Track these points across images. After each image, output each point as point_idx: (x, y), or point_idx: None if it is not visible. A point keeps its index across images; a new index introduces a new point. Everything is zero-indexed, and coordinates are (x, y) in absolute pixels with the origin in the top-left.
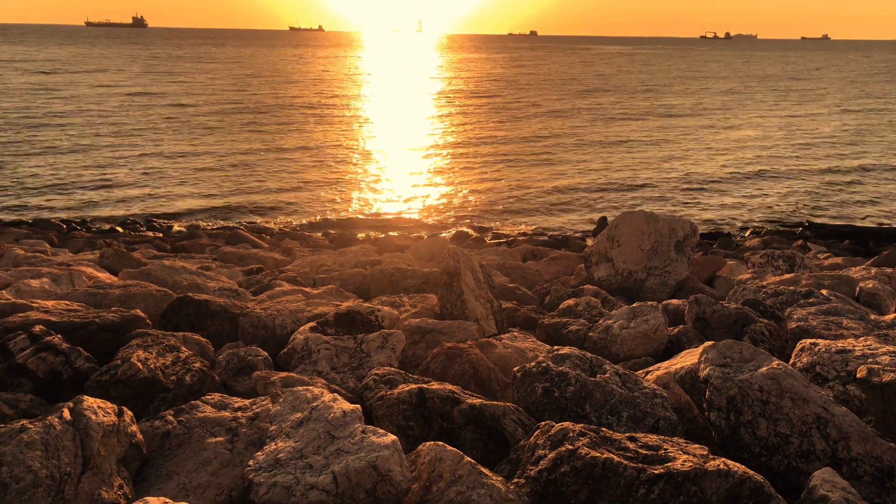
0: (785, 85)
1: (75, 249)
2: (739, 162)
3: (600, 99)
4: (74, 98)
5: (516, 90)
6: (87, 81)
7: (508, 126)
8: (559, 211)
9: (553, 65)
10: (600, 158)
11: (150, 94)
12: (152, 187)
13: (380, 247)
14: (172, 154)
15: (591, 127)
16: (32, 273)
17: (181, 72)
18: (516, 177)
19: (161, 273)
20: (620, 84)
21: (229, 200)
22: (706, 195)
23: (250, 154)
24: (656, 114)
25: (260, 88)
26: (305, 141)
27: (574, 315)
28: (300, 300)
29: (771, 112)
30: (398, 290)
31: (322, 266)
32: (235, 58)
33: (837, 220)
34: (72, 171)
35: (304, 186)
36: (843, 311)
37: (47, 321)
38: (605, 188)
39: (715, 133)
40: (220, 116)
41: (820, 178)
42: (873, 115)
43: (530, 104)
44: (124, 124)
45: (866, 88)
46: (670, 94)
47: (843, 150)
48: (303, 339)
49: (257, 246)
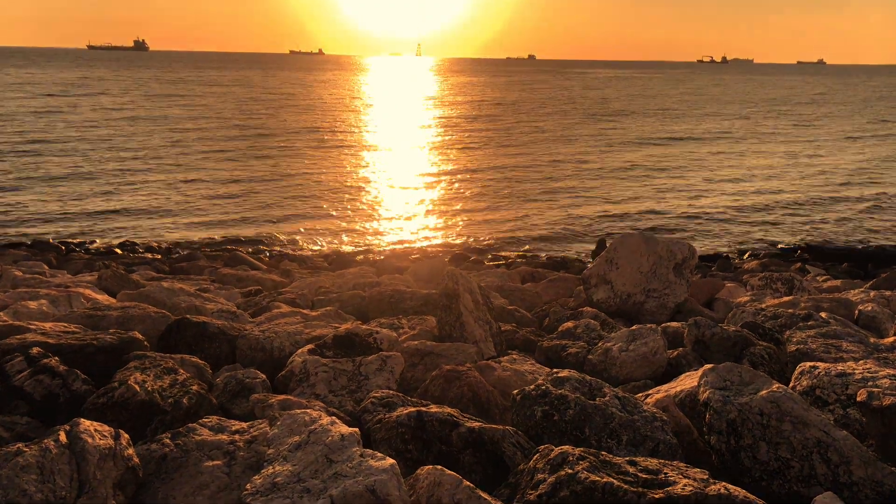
0: (787, 109)
1: (74, 271)
2: (737, 185)
3: (601, 123)
4: (77, 121)
5: (516, 114)
6: (90, 104)
7: (508, 150)
8: (558, 233)
9: (553, 89)
10: (599, 180)
11: (153, 118)
12: (152, 210)
13: (378, 268)
14: (172, 177)
15: (590, 151)
16: (30, 294)
17: (182, 95)
18: (515, 199)
19: (159, 295)
20: (621, 108)
21: (229, 223)
22: (705, 218)
23: (250, 177)
24: (657, 138)
25: (261, 112)
26: (305, 164)
27: (573, 337)
28: (298, 322)
29: (771, 136)
30: (397, 312)
31: (320, 288)
32: (236, 81)
33: (836, 242)
34: (72, 193)
35: (303, 209)
36: (842, 334)
37: (45, 343)
38: (605, 210)
39: (716, 157)
40: (222, 140)
41: (819, 202)
42: (879, 141)
43: (531, 128)
44: (126, 148)
45: (872, 113)
46: (671, 119)
47: (844, 175)
48: (301, 362)
49: (256, 268)
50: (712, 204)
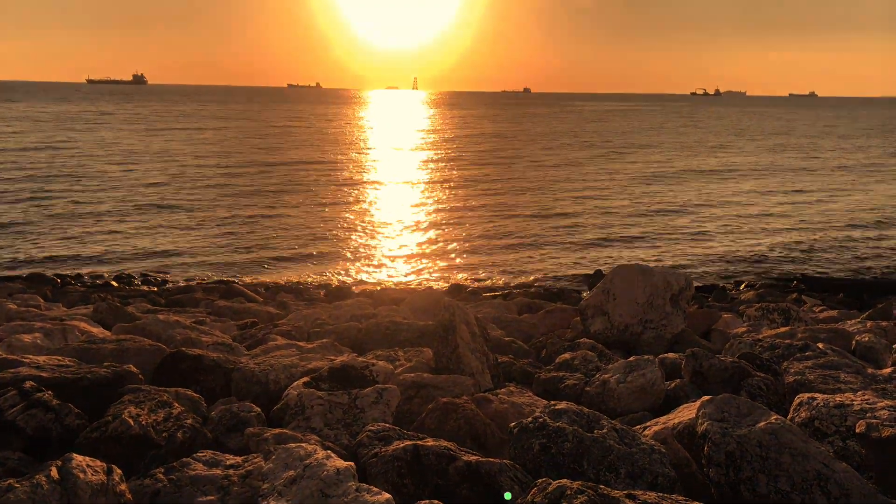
0: (783, 140)
1: (69, 304)
2: (734, 216)
3: (598, 154)
4: (76, 155)
5: (515, 147)
6: (90, 138)
7: (506, 181)
8: (554, 264)
9: (550, 122)
10: (598, 212)
11: (152, 151)
12: (150, 243)
13: (375, 300)
14: (171, 211)
15: (588, 181)
16: (25, 328)
17: (182, 129)
18: (513, 231)
19: (155, 327)
20: (619, 140)
21: (226, 255)
22: (701, 248)
23: (248, 210)
24: (654, 168)
25: (259, 146)
26: (302, 198)
27: (570, 369)
28: (294, 355)
29: (769, 167)
30: (393, 344)
31: (317, 320)
32: (235, 115)
33: (832, 273)
34: (70, 226)
35: (299, 241)
36: (839, 365)
37: (38, 377)
38: (601, 240)
39: (715, 187)
40: (221, 174)
41: (814, 232)
42: (872, 171)
43: (529, 161)
44: (125, 182)
45: (869, 142)
46: (668, 150)
47: (841, 204)
48: (296, 395)
49: (252, 300)
50: (709, 234)
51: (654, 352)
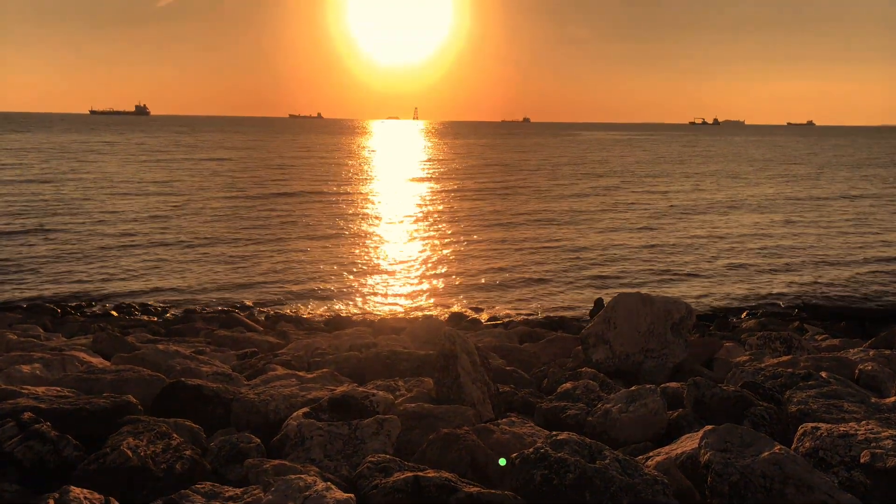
0: (784, 169)
1: (69, 334)
2: (736, 245)
3: (598, 183)
4: (79, 186)
5: (516, 175)
6: (93, 169)
7: (508, 211)
8: (556, 292)
9: (552, 150)
10: (598, 240)
11: (156, 181)
12: (151, 273)
13: (375, 329)
14: (175, 241)
15: (589, 210)
16: (24, 358)
17: (185, 159)
18: (514, 260)
19: (154, 357)
20: (620, 168)
21: (227, 284)
22: (702, 277)
23: (250, 239)
24: (657, 198)
25: (261, 176)
26: (304, 227)
27: (572, 399)
28: (294, 385)
29: (772, 195)
30: (393, 374)
31: (317, 349)
32: (238, 145)
33: (833, 301)
34: (73, 256)
35: (299, 270)
36: (843, 394)
37: (37, 408)
38: (602, 269)
39: (718, 216)
40: (223, 205)
41: (815, 261)
42: (875, 200)
43: (530, 188)
44: (128, 211)
45: (869, 172)
46: (670, 178)
47: (844, 232)
48: (296, 426)
49: (252, 329)
50: (710, 263)
51: (656, 381)
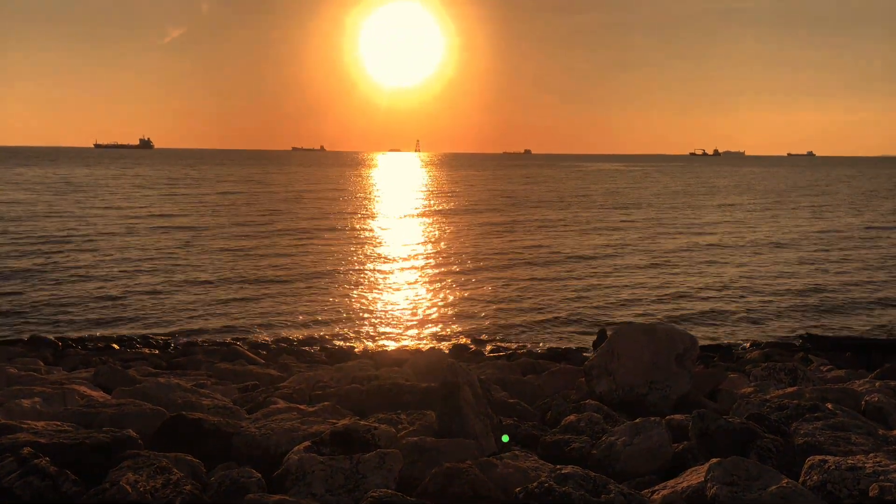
0: (791, 199)
1: (70, 367)
2: (739, 276)
3: (600, 213)
4: (83, 219)
5: (520, 206)
6: (99, 203)
7: (508, 241)
8: (559, 324)
9: (555, 181)
10: (601, 271)
11: (162, 216)
12: (153, 307)
13: (376, 361)
14: (179, 275)
15: (593, 241)
16: (24, 392)
17: (190, 193)
18: (516, 291)
19: (155, 391)
20: (625, 201)
21: (228, 317)
22: (706, 307)
23: (251, 271)
24: (660, 228)
25: (264, 209)
26: (306, 259)
27: (576, 431)
28: (295, 418)
29: (773, 226)
30: (396, 407)
31: (318, 382)
32: (243, 178)
33: (838, 331)
34: (77, 290)
35: (302, 303)
36: (850, 426)
37: (36, 443)
38: (605, 300)
39: (722, 246)
40: (225, 237)
41: (819, 291)
42: (877, 230)
43: (534, 220)
44: (133, 246)
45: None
46: (673, 209)
47: (844, 263)
48: (297, 460)
49: (253, 362)
50: (714, 294)
51: (660, 413)
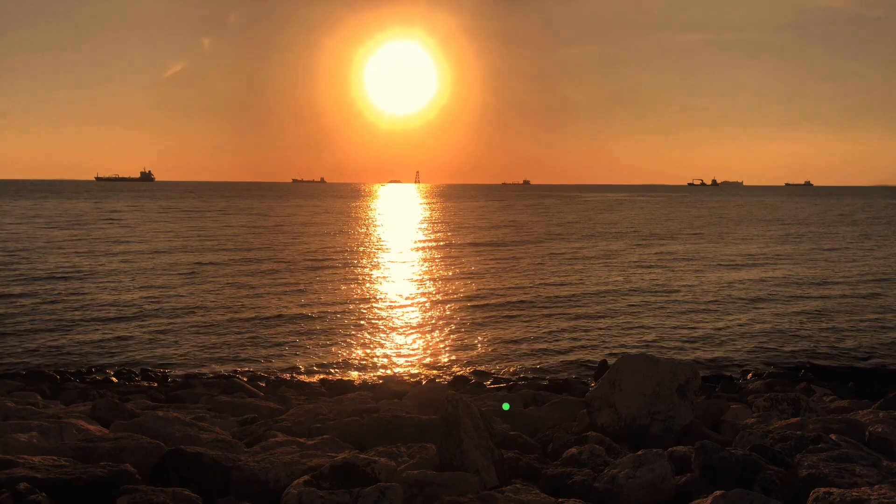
0: (795, 230)
1: (68, 401)
2: (741, 305)
3: (601, 244)
4: (85, 252)
5: (517, 236)
6: (101, 235)
7: (509, 272)
8: (560, 354)
9: (557, 212)
10: (606, 303)
11: (166, 250)
12: (152, 338)
13: (376, 393)
14: (176, 305)
15: (594, 270)
16: (21, 427)
17: (192, 227)
18: (517, 322)
19: (154, 424)
20: (626, 230)
21: (228, 348)
22: (707, 338)
23: (252, 304)
24: (661, 258)
25: (264, 242)
26: (306, 292)
27: (578, 464)
28: (294, 451)
29: (776, 253)
30: (395, 440)
31: (318, 415)
32: (243, 210)
33: (840, 361)
34: (76, 323)
35: (301, 334)
36: (854, 457)
37: (33, 478)
38: (607, 330)
39: (726, 276)
40: (225, 270)
41: (825, 321)
42: (884, 260)
43: (532, 251)
44: (136, 278)
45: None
46: (675, 240)
47: (847, 291)
48: (296, 494)
49: (253, 395)
50: (715, 324)
51: (663, 444)
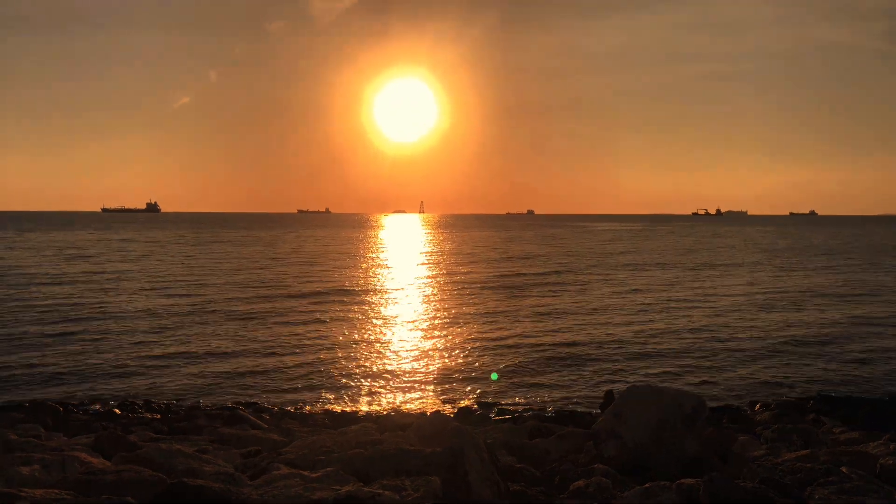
0: (799, 259)
1: (71, 433)
2: (749, 336)
3: (608, 273)
4: (90, 284)
5: (524, 267)
6: (108, 268)
7: (516, 303)
8: (566, 385)
9: (562, 241)
10: (608, 331)
11: (167, 281)
12: (158, 371)
13: (380, 425)
14: (180, 336)
15: (600, 302)
16: (23, 459)
17: (198, 257)
18: (523, 352)
19: (156, 457)
20: (630, 260)
21: (232, 378)
22: (715, 368)
23: (256, 334)
24: (666, 288)
25: (274, 273)
26: (310, 323)
27: (585, 497)
28: (298, 485)
29: (783, 285)
30: (400, 473)
31: (321, 447)
32: (251, 241)
33: (849, 391)
34: (81, 358)
35: (305, 365)
36: (866, 491)
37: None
38: (613, 361)
39: (733, 306)
40: (230, 301)
41: (833, 351)
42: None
43: (536, 280)
44: (141, 310)
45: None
46: (683, 268)
47: (855, 322)
48: None
49: (256, 426)
50: (722, 354)
51: (670, 476)
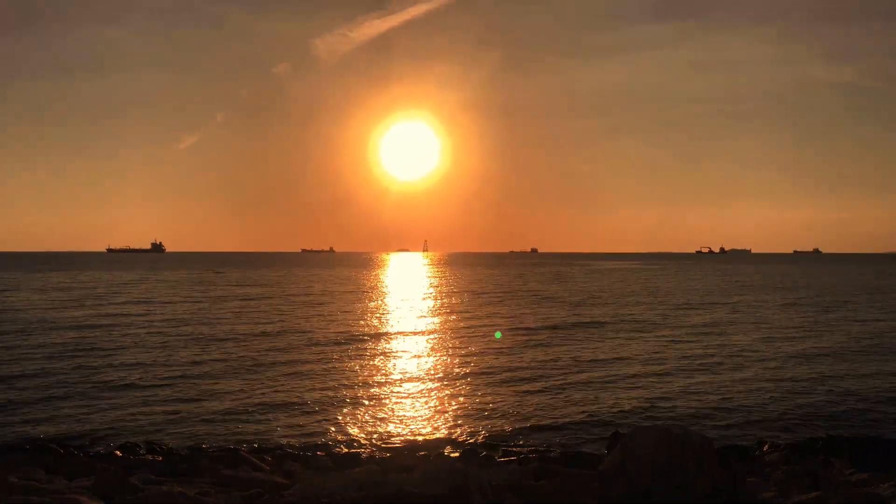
0: (802, 295)
1: (71, 475)
2: (757, 376)
3: (614, 311)
4: (94, 325)
5: (528, 308)
6: (116, 311)
7: (520, 341)
8: (572, 425)
9: (570, 280)
10: (615, 370)
11: (170, 323)
12: (159, 412)
13: (384, 467)
14: (183, 376)
15: (604, 342)
16: (22, 503)
17: (205, 298)
18: (527, 391)
19: (157, 500)
20: (634, 298)
21: (235, 421)
22: (723, 408)
23: (259, 375)
24: (674, 327)
25: (277, 314)
26: (314, 363)
27: None
28: None
29: (790, 322)
30: None
31: (324, 490)
32: (253, 281)
33: (858, 431)
34: (83, 398)
35: (308, 406)
36: None
37: None
38: (620, 401)
39: (735, 344)
40: (234, 342)
41: (839, 387)
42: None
43: (540, 320)
44: (145, 352)
45: None
46: (687, 308)
47: (863, 360)
48: None
49: (258, 468)
50: (728, 393)
51: None
